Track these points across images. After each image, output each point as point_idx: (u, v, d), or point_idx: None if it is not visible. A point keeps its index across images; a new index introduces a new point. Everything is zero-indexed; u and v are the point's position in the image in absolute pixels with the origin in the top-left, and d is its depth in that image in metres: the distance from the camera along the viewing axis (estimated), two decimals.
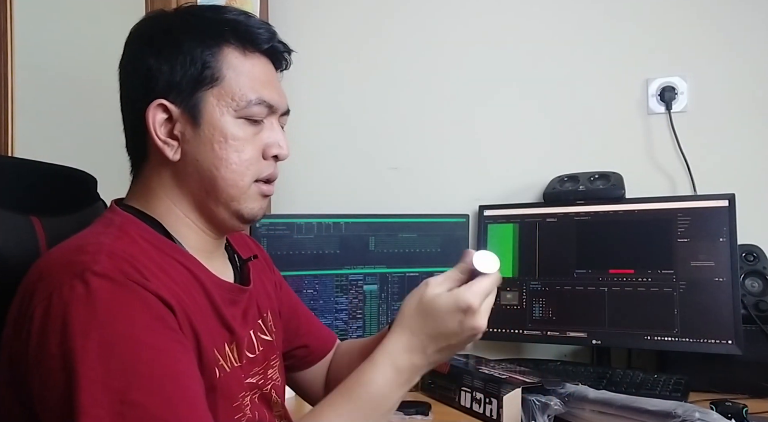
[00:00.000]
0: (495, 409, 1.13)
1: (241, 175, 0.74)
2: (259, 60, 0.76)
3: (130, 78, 0.75)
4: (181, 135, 0.73)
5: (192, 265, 0.73)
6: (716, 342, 1.29)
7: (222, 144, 0.73)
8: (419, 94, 1.76)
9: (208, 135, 0.73)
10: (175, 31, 0.74)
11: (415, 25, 1.77)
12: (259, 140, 0.76)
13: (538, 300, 1.49)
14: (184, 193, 0.75)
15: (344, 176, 1.80)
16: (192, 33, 0.73)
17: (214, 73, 0.73)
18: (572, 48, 1.64)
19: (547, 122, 1.66)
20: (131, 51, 0.76)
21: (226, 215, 0.76)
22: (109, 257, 0.62)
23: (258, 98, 0.74)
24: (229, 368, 0.73)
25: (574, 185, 1.52)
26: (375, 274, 1.52)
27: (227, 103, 0.73)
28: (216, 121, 0.73)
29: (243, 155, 0.74)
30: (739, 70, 1.52)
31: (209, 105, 0.73)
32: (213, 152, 0.73)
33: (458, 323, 0.69)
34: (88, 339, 0.57)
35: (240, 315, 0.79)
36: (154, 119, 0.72)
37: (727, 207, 1.32)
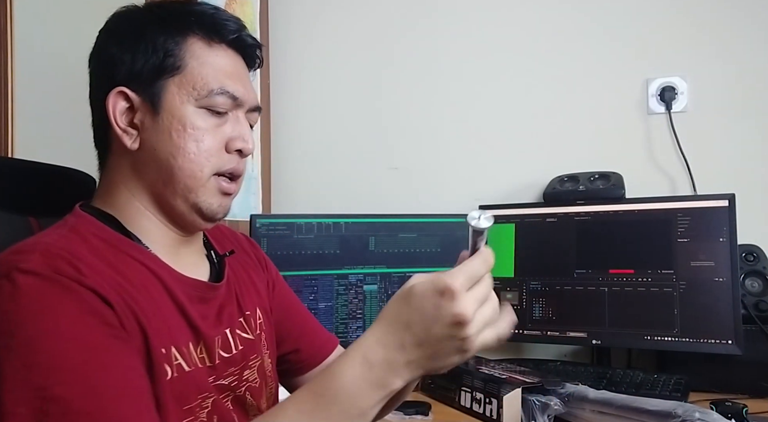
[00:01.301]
0: (495, 409, 1.13)
1: (199, 165, 0.72)
2: (225, 52, 0.75)
3: (95, 68, 0.75)
4: (140, 124, 0.71)
5: (150, 262, 0.71)
6: (716, 342, 1.29)
7: (180, 133, 0.71)
8: (419, 94, 1.76)
9: (167, 123, 0.71)
10: (139, 21, 0.73)
11: (414, 25, 1.77)
12: (221, 132, 0.74)
13: (538, 300, 1.49)
14: (143, 184, 0.73)
15: (344, 176, 1.80)
16: (156, 22, 0.73)
17: (176, 61, 0.72)
18: (572, 48, 1.64)
19: (547, 122, 1.66)
20: (98, 41, 0.75)
21: (184, 209, 0.74)
22: (41, 255, 0.61)
23: (221, 88, 0.73)
24: (188, 368, 0.70)
25: (574, 185, 1.52)
26: (375, 274, 1.52)
27: (188, 91, 0.72)
28: (176, 109, 0.71)
29: (202, 145, 0.72)
30: (739, 70, 1.52)
31: (170, 93, 0.71)
32: (171, 140, 0.71)
33: (433, 307, 0.56)
34: (12, 337, 0.56)
35: (213, 313, 0.77)
36: (115, 107, 0.71)
37: (727, 207, 1.32)
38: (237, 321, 0.81)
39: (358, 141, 1.80)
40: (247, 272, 0.89)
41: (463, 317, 0.56)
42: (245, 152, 0.76)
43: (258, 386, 0.83)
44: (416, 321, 0.57)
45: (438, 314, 0.56)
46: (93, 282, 0.61)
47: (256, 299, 0.88)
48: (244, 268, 0.89)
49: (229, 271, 0.83)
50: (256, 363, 0.83)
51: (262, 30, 1.74)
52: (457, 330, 0.56)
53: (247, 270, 0.90)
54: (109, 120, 0.71)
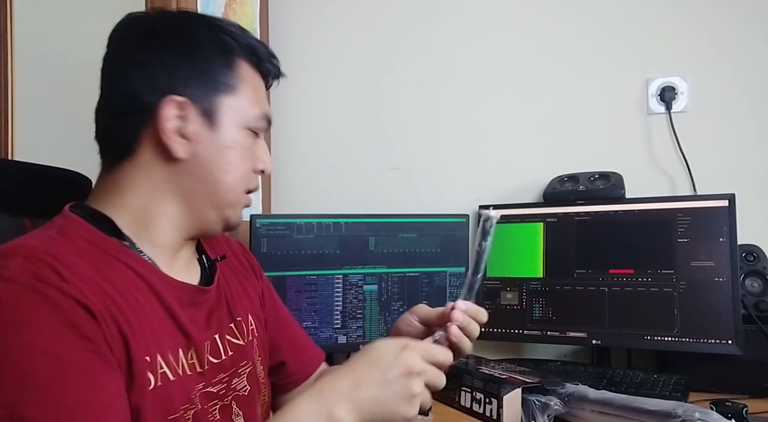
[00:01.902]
0: (495, 409, 1.13)
1: (241, 182, 0.77)
2: (260, 78, 0.81)
3: (137, 70, 0.72)
4: (193, 135, 0.72)
5: (140, 266, 0.70)
6: (716, 342, 1.29)
7: (232, 150, 0.75)
8: (419, 94, 1.76)
9: (221, 140, 0.74)
10: (196, 33, 0.74)
11: (414, 25, 1.77)
12: (253, 153, 0.79)
13: (538, 300, 1.49)
14: (177, 191, 0.73)
15: (344, 176, 1.80)
16: (213, 39, 0.75)
17: (231, 81, 0.75)
18: (572, 48, 1.64)
19: (547, 122, 1.66)
20: (141, 43, 0.73)
21: (213, 219, 0.76)
22: (24, 260, 0.60)
23: (263, 113, 0.79)
24: (174, 376, 0.69)
25: (574, 185, 1.52)
26: (375, 274, 1.52)
27: (239, 112, 0.75)
28: (230, 127, 0.75)
29: (245, 164, 0.77)
30: (739, 70, 1.52)
31: (225, 111, 0.74)
32: (222, 156, 0.74)
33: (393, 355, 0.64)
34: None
35: (202, 318, 0.76)
36: (167, 114, 0.71)
37: (727, 207, 1.32)
38: (227, 327, 0.81)
39: (358, 141, 1.80)
40: (239, 278, 0.89)
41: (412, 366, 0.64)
42: (266, 172, 0.81)
43: (248, 394, 0.82)
44: (375, 365, 0.64)
45: (395, 362, 0.64)
46: (75, 290, 0.60)
47: (248, 305, 0.88)
48: (236, 274, 0.89)
49: (220, 276, 0.83)
50: (246, 370, 0.82)
51: (262, 30, 1.74)
52: (406, 380, 0.63)
53: (239, 277, 0.89)
54: (159, 126, 0.70)
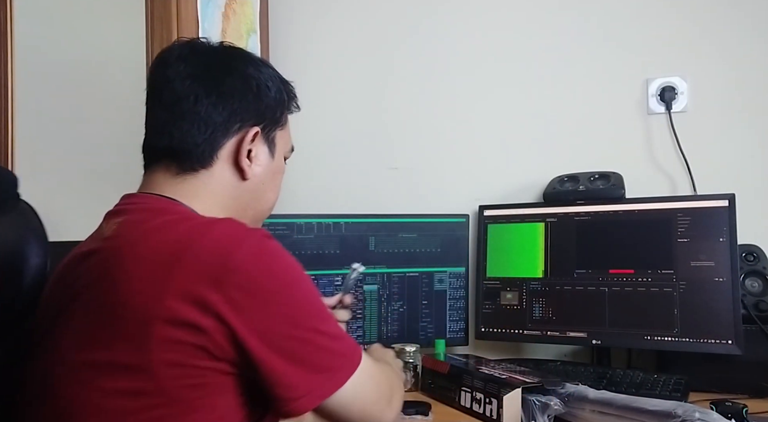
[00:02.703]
0: (495, 409, 1.13)
1: (276, 201, 0.93)
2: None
3: (224, 100, 0.82)
4: (257, 160, 0.84)
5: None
6: (716, 342, 1.29)
7: (278, 176, 0.91)
8: (419, 94, 1.76)
9: (275, 166, 0.89)
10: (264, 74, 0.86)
11: (414, 25, 1.77)
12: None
13: (538, 300, 1.49)
14: (236, 206, 0.85)
15: (344, 176, 1.80)
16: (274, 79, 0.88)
17: (283, 118, 0.90)
18: (572, 48, 1.64)
19: (547, 121, 1.66)
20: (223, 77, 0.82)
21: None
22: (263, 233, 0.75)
23: (292, 147, 0.94)
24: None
25: (574, 185, 1.52)
26: (375, 274, 1.52)
27: (285, 144, 0.91)
28: (280, 155, 0.90)
29: (280, 186, 0.92)
30: (739, 70, 1.52)
31: (279, 142, 0.89)
32: (274, 180, 0.89)
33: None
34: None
35: None
36: (247, 140, 0.82)
37: (727, 207, 1.32)
38: None
39: (358, 141, 1.80)
40: None
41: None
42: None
43: None
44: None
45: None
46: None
47: None
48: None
49: None
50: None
51: (262, 30, 1.74)
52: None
53: None
54: (239, 151, 0.82)
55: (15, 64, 1.52)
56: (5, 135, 1.51)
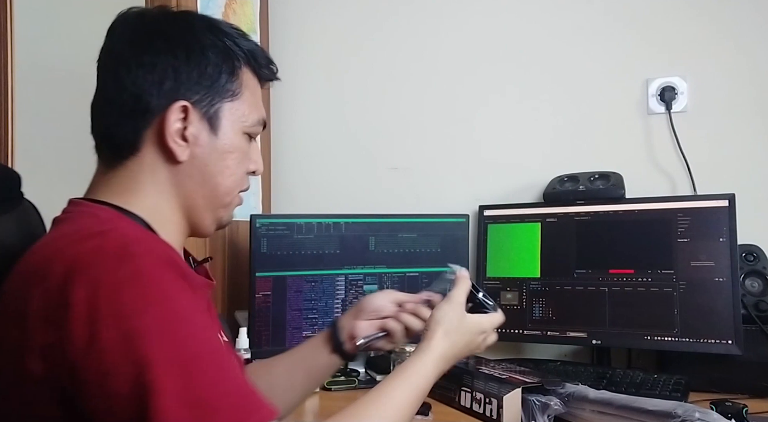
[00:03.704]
0: (495, 409, 1.12)
1: (236, 185, 0.80)
2: (257, 82, 0.81)
3: (143, 71, 0.72)
4: (194, 138, 0.73)
5: (181, 261, 0.71)
6: (716, 342, 1.29)
7: (231, 155, 0.77)
8: (419, 94, 1.76)
9: (221, 144, 0.76)
10: (201, 37, 0.75)
11: (415, 25, 1.77)
12: (248, 156, 0.81)
13: (538, 300, 1.49)
14: (179, 194, 0.75)
15: (344, 176, 1.80)
16: (218, 45, 0.76)
17: (234, 88, 0.76)
18: (572, 48, 1.64)
19: (547, 122, 1.66)
20: (147, 44, 0.73)
21: (209, 221, 0.79)
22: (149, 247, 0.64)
23: (260, 118, 0.80)
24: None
25: (574, 185, 1.52)
26: (375, 274, 1.52)
27: (240, 118, 0.77)
28: (230, 132, 0.76)
29: (241, 167, 0.79)
30: (739, 70, 1.52)
31: (226, 116, 0.76)
32: (222, 160, 0.76)
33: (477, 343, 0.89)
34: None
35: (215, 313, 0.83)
36: (173, 119, 0.72)
37: (727, 207, 1.32)
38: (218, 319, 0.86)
39: (358, 141, 1.80)
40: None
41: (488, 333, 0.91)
42: (258, 173, 0.83)
43: None
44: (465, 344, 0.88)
45: (477, 344, 0.90)
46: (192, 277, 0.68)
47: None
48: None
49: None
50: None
51: (262, 30, 1.74)
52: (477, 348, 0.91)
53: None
54: (164, 131, 0.72)
55: (15, 64, 1.52)
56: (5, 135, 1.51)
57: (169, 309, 0.59)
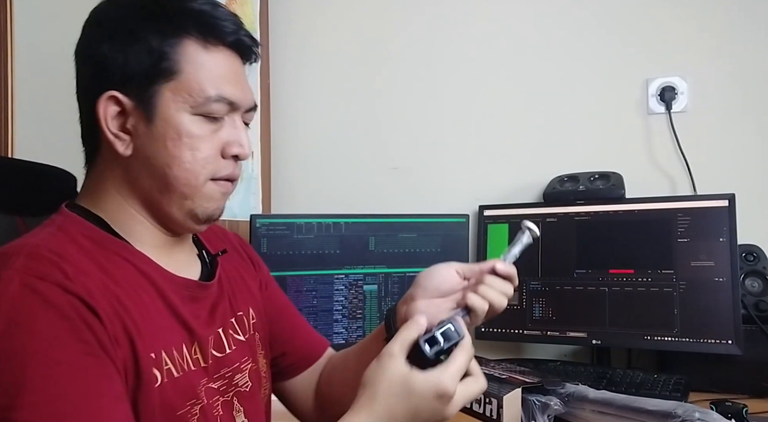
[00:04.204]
0: (495, 409, 1.12)
1: (195, 173, 0.70)
2: (222, 54, 0.71)
3: (83, 65, 0.71)
4: (133, 129, 0.69)
5: (140, 262, 0.70)
6: (716, 342, 1.29)
7: (175, 141, 0.69)
8: (419, 94, 1.76)
9: (161, 131, 0.69)
10: (132, 18, 0.69)
11: (415, 25, 1.77)
12: (217, 138, 0.72)
13: (538, 300, 1.49)
14: (137, 190, 0.71)
15: (344, 176, 1.80)
16: (150, 21, 0.69)
17: (171, 65, 0.68)
18: (572, 48, 1.64)
19: (547, 121, 1.66)
20: (85, 35, 0.71)
21: (180, 215, 0.72)
22: (28, 258, 0.60)
23: (218, 95, 0.70)
24: (179, 372, 0.68)
25: (574, 185, 1.52)
26: (375, 274, 1.52)
27: (184, 99, 0.69)
28: (170, 117, 0.69)
29: (198, 153, 0.70)
30: (739, 70, 1.52)
31: (164, 100, 0.68)
32: (166, 149, 0.69)
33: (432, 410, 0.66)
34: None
35: (205, 313, 0.76)
36: (106, 111, 0.68)
37: (727, 207, 1.32)
38: (229, 321, 0.80)
39: (358, 141, 1.80)
40: (239, 271, 0.88)
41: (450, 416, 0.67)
42: (242, 157, 0.74)
43: (250, 390, 0.80)
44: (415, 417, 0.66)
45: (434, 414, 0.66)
46: (80, 287, 0.60)
47: (249, 298, 0.87)
48: (236, 267, 0.88)
49: (221, 270, 0.82)
50: (248, 366, 0.81)
51: (262, 30, 1.74)
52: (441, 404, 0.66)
53: (239, 270, 0.88)
54: (100, 125, 0.68)
55: (15, 64, 1.52)
56: (5, 134, 1.51)
57: (11, 345, 0.56)
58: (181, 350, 0.70)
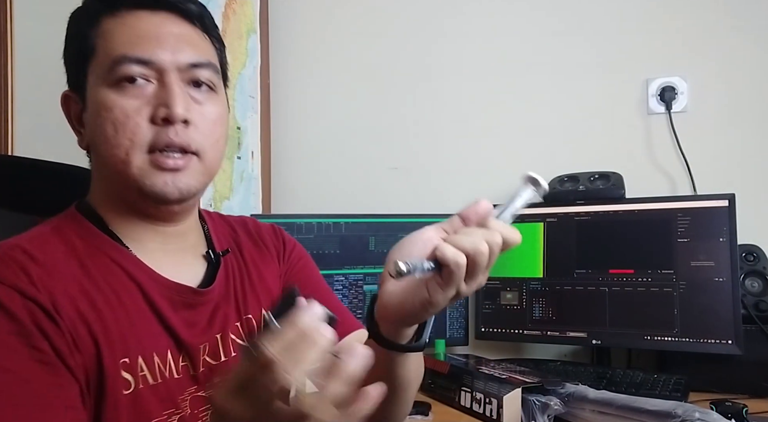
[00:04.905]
0: (495, 409, 1.12)
1: (121, 149, 0.65)
2: (132, 15, 0.68)
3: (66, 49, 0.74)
4: (84, 122, 0.70)
5: (131, 265, 0.68)
6: (716, 342, 1.29)
7: (98, 119, 0.66)
8: (419, 94, 1.76)
9: (91, 113, 0.67)
10: (74, 18, 0.72)
11: (415, 25, 1.77)
12: (139, 105, 0.65)
13: (538, 300, 1.48)
14: (104, 184, 0.71)
15: (344, 176, 1.79)
16: (77, 10, 0.72)
17: (90, 45, 0.67)
18: (572, 48, 1.64)
19: (547, 121, 1.66)
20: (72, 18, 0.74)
21: (136, 198, 0.68)
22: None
23: (121, 55, 0.65)
24: (158, 379, 0.66)
25: (574, 185, 1.52)
26: (375, 274, 1.52)
27: (98, 73, 0.66)
28: (93, 96, 0.67)
29: (119, 125, 0.64)
30: (739, 70, 1.52)
31: (90, 81, 0.67)
32: (94, 131, 0.67)
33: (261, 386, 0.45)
34: None
35: (203, 319, 0.72)
36: (68, 109, 0.71)
37: (727, 207, 1.32)
38: (233, 325, 0.76)
39: (358, 141, 1.80)
40: (256, 265, 0.82)
41: (274, 365, 0.44)
42: (170, 118, 0.65)
43: None
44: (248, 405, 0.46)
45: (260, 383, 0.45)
46: (41, 292, 0.59)
47: (265, 296, 0.81)
48: (253, 261, 0.82)
49: (230, 269, 0.78)
50: None
51: (262, 30, 1.74)
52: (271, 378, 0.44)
53: (256, 263, 0.83)
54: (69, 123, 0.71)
55: (15, 64, 1.52)
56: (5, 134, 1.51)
57: None
58: (165, 357, 0.67)
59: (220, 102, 0.72)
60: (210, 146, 0.70)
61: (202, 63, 0.69)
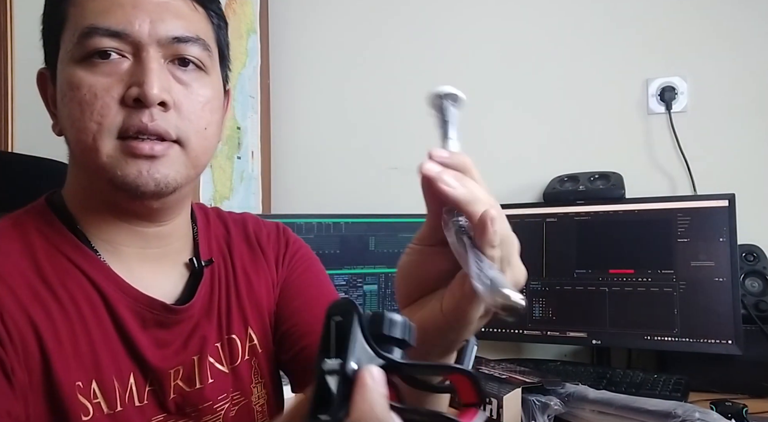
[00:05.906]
0: (495, 409, 1.12)
1: (88, 132, 0.56)
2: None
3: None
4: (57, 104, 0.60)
5: (96, 273, 0.59)
6: (716, 342, 1.29)
7: (65, 99, 0.57)
8: (419, 94, 1.75)
9: (59, 93, 0.58)
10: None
11: (415, 24, 1.77)
12: (110, 84, 0.57)
13: (538, 300, 1.48)
14: (76, 175, 0.62)
15: (344, 176, 1.79)
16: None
17: (61, 13, 0.59)
18: (572, 48, 1.64)
19: (548, 122, 1.66)
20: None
21: (107, 189, 0.59)
22: None
23: (90, 26, 0.56)
24: (115, 408, 0.57)
25: (574, 185, 1.52)
26: (375, 274, 1.52)
27: (67, 46, 0.57)
28: (62, 73, 0.58)
29: (87, 106, 0.56)
30: (739, 70, 1.52)
31: (60, 57, 0.59)
32: (62, 112, 0.58)
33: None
34: None
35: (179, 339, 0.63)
36: (45, 91, 0.63)
37: (727, 207, 1.32)
38: (212, 346, 0.66)
39: (358, 141, 1.80)
40: (248, 277, 0.73)
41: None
42: (143, 99, 0.56)
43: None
44: None
45: None
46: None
47: (252, 312, 0.71)
48: (245, 272, 0.73)
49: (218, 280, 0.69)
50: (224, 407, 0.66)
51: (262, 30, 1.74)
52: None
53: (246, 272, 0.73)
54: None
55: (15, 64, 1.52)
56: (5, 134, 1.51)
57: None
58: (126, 381, 0.59)
59: (210, 84, 0.62)
60: (195, 134, 0.60)
61: (188, 37, 0.59)
